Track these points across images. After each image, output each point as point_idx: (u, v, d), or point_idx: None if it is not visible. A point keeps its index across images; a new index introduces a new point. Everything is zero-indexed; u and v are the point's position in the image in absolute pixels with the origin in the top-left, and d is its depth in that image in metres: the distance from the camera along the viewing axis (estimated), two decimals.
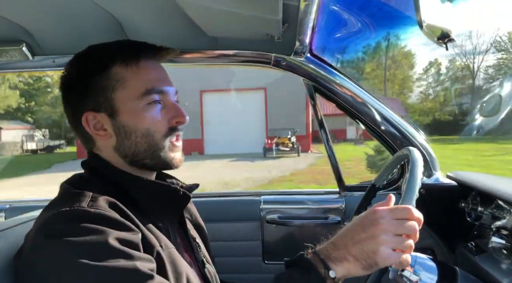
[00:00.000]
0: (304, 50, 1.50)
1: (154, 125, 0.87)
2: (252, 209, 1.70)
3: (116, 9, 1.16)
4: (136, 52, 0.89)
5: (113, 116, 0.87)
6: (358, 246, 0.75)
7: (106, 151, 0.90)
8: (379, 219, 0.75)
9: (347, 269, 0.76)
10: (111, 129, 0.88)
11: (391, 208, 0.78)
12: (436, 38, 0.88)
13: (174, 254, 0.84)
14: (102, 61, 0.88)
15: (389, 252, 0.74)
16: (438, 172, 1.58)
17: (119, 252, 0.71)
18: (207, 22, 1.21)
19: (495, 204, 1.21)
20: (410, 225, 0.76)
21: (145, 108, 0.87)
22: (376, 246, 0.74)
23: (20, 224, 1.00)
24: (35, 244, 0.74)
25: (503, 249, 1.16)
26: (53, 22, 1.22)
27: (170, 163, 0.90)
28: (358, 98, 1.58)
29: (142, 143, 0.87)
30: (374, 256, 0.74)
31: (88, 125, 0.87)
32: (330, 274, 0.75)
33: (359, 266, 0.75)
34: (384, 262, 0.74)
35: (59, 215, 0.74)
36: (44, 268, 0.71)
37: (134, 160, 0.89)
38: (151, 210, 0.87)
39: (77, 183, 0.87)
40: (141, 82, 0.87)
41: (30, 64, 1.46)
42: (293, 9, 1.10)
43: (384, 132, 1.60)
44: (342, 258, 0.76)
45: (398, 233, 0.75)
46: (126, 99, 0.86)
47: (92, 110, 0.87)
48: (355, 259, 0.76)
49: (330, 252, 0.77)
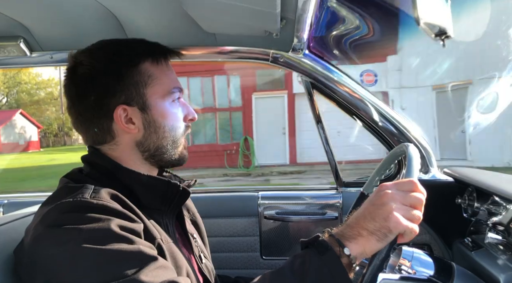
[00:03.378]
0: (302, 47, 1.50)
1: (177, 121, 0.94)
2: (250, 205, 1.71)
3: (114, 5, 1.16)
4: (162, 51, 0.95)
5: (145, 110, 0.90)
6: (369, 219, 0.77)
7: (125, 145, 0.91)
8: (386, 190, 0.78)
9: (362, 245, 0.76)
10: (140, 123, 0.90)
11: (396, 182, 0.80)
12: (433, 34, 0.89)
13: (174, 248, 0.85)
14: (134, 56, 0.91)
15: (399, 216, 0.75)
16: (434, 168, 1.59)
17: (122, 237, 0.72)
18: (205, 18, 1.21)
19: (491, 200, 1.22)
20: (416, 196, 0.78)
21: (171, 104, 0.93)
22: (386, 212, 0.75)
23: (18, 219, 1.00)
24: (37, 234, 0.74)
25: (499, 245, 1.17)
26: (51, 18, 1.21)
27: (183, 159, 0.97)
28: (355, 94, 1.58)
29: (167, 138, 0.92)
30: (386, 223, 0.75)
31: (119, 118, 0.88)
32: (345, 252, 0.76)
33: (374, 239, 0.76)
34: (396, 227, 0.75)
35: (62, 205, 0.75)
36: (47, 256, 0.71)
37: (154, 154, 0.92)
38: (151, 205, 0.89)
39: (77, 177, 0.88)
40: (168, 80, 0.93)
41: (28, 60, 1.45)
42: (291, 6, 1.10)
43: (381, 129, 1.60)
44: (356, 235, 0.77)
45: (405, 203, 0.77)
46: (156, 95, 0.91)
47: (124, 103, 0.89)
48: (369, 232, 0.76)
49: (344, 232, 0.79)
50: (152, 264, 0.71)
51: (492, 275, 1.06)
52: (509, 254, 1.10)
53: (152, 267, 0.71)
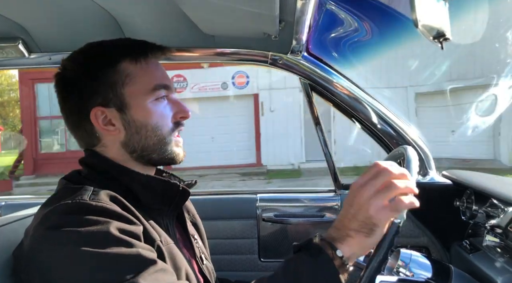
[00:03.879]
0: (301, 49, 1.50)
1: (162, 119, 0.90)
2: (248, 207, 1.71)
3: (113, 7, 1.16)
4: (145, 50, 0.92)
5: (123, 111, 0.88)
6: (351, 219, 0.77)
7: (112, 147, 0.90)
8: (357, 188, 0.78)
9: (353, 245, 0.77)
10: (120, 124, 0.88)
11: (362, 174, 0.80)
12: (431, 37, 0.89)
13: (174, 250, 0.85)
14: (111, 57, 0.89)
15: (377, 204, 0.75)
16: (433, 170, 1.59)
17: (121, 240, 0.72)
18: (203, 20, 1.21)
19: (489, 203, 1.22)
20: (383, 175, 0.77)
21: (154, 103, 0.90)
22: (364, 207, 0.76)
23: (16, 221, 1.00)
24: (36, 236, 0.74)
25: (497, 248, 1.17)
26: (49, 19, 1.21)
27: (176, 158, 0.94)
28: (354, 97, 1.59)
29: (152, 137, 0.89)
30: (368, 217, 0.76)
31: (96, 121, 0.87)
32: (337, 254, 0.76)
33: (363, 236, 0.77)
34: (379, 216, 0.75)
35: (61, 207, 0.74)
36: (46, 258, 0.71)
37: (142, 155, 0.91)
38: (151, 205, 0.88)
39: (76, 179, 0.88)
40: (150, 78, 0.90)
41: (26, 61, 1.45)
42: (290, 8, 1.10)
43: (380, 131, 1.60)
44: (344, 236, 0.78)
45: (378, 188, 0.77)
46: (136, 94, 0.89)
47: (101, 105, 0.87)
48: (356, 231, 0.77)
49: (333, 234, 0.79)
50: (151, 267, 0.71)
51: (490, 278, 1.06)
52: (507, 257, 1.11)
53: (151, 270, 0.71)
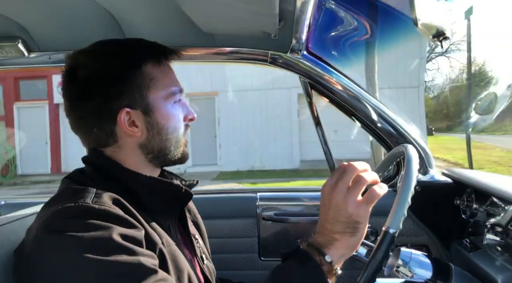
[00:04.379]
0: (300, 48, 1.50)
1: (179, 122, 0.93)
2: (248, 206, 1.71)
3: (112, 6, 1.15)
4: (163, 52, 0.94)
5: (148, 113, 0.89)
6: (333, 222, 0.79)
7: (127, 147, 0.90)
8: (329, 190, 0.80)
9: (340, 248, 0.79)
10: (143, 126, 0.89)
11: (330, 177, 0.82)
12: (431, 36, 0.89)
13: (175, 251, 0.85)
14: (136, 58, 0.90)
15: (354, 202, 0.78)
16: (433, 169, 1.59)
17: (123, 247, 0.71)
18: (203, 18, 1.21)
19: (490, 201, 1.22)
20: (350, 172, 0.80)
21: (173, 106, 0.92)
22: (345, 211, 0.78)
23: (17, 221, 1.00)
24: (39, 239, 0.74)
25: (497, 246, 1.17)
26: (49, 18, 1.21)
27: (185, 157, 0.97)
28: (354, 95, 1.58)
29: (171, 139, 0.92)
30: (349, 217, 0.78)
31: (122, 122, 0.87)
32: (326, 259, 0.78)
33: (348, 236, 0.79)
34: (361, 215, 0.78)
35: (63, 210, 0.74)
36: (47, 263, 0.71)
37: (158, 156, 0.92)
38: (153, 206, 0.88)
39: (79, 178, 0.87)
40: (170, 82, 0.93)
41: (26, 61, 1.45)
42: (290, 7, 1.10)
43: (380, 130, 1.60)
44: (331, 240, 0.79)
45: (348, 186, 0.79)
46: (159, 97, 0.90)
47: (127, 106, 0.88)
48: (341, 233, 0.79)
49: (319, 240, 0.81)
50: (152, 277, 0.71)
51: (490, 276, 1.06)
52: (507, 255, 1.11)
53: (151, 280, 0.71)
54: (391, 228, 0.77)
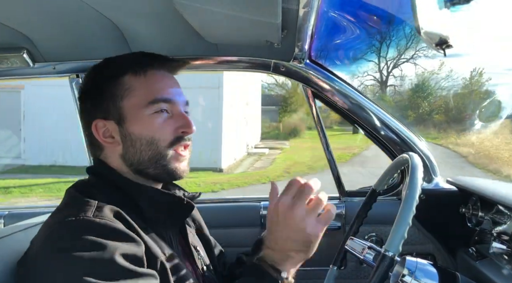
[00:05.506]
0: (303, 56, 1.51)
1: (159, 133, 0.89)
2: (252, 215, 1.70)
3: (116, 16, 1.16)
4: (145, 63, 0.92)
5: (121, 124, 0.89)
6: (291, 241, 0.81)
7: (113, 159, 0.91)
8: (285, 209, 0.80)
9: (294, 264, 0.83)
10: (118, 137, 0.89)
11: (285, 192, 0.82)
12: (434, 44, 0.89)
13: (177, 263, 0.85)
14: (115, 71, 0.91)
15: (315, 225, 0.80)
16: (438, 177, 1.58)
17: (124, 269, 0.71)
18: (207, 28, 1.22)
19: (495, 209, 1.21)
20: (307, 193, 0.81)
21: (151, 116, 0.89)
22: (303, 231, 0.80)
23: (20, 231, 1.00)
24: (41, 255, 0.74)
25: (503, 255, 1.16)
26: (53, 28, 1.22)
27: (173, 173, 0.91)
28: (357, 103, 1.58)
29: (147, 151, 0.88)
30: (308, 238, 0.80)
31: (97, 132, 0.89)
32: (282, 275, 0.81)
33: (303, 254, 0.82)
34: (317, 235, 0.81)
35: (65, 225, 0.75)
36: (49, 280, 0.71)
37: (139, 169, 0.90)
38: (155, 218, 0.88)
39: (83, 188, 0.88)
40: (148, 91, 0.90)
41: (31, 71, 1.46)
42: (292, 16, 1.11)
43: (383, 138, 1.60)
44: (286, 258, 0.82)
45: (304, 207, 0.80)
46: (133, 107, 0.89)
47: (102, 117, 0.89)
48: (296, 251, 0.82)
49: (273, 257, 0.82)
50: None
51: None
52: None
53: None
54: (390, 252, 0.78)
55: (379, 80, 23.12)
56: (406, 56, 22.25)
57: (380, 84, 22.98)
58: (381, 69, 22.65)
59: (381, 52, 19.31)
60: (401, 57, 22.16)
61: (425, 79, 21.95)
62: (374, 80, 23.40)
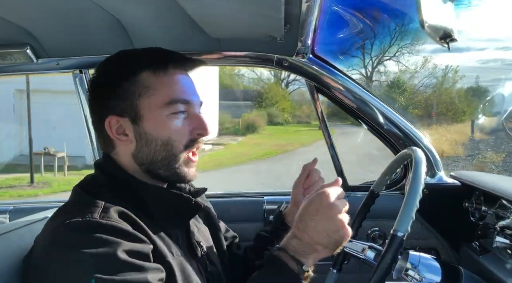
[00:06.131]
0: (306, 51, 1.50)
1: (176, 134, 0.88)
2: (255, 210, 1.70)
3: (119, 11, 1.16)
4: (165, 61, 0.90)
5: (136, 122, 0.87)
6: (324, 235, 0.80)
7: (123, 156, 0.90)
8: (330, 200, 0.81)
9: (316, 258, 0.82)
10: (132, 135, 0.88)
11: (333, 189, 0.85)
12: (438, 38, 0.88)
13: (184, 261, 0.85)
14: (131, 67, 0.89)
15: (347, 229, 0.81)
16: (441, 171, 1.58)
17: (130, 264, 0.71)
18: (210, 24, 1.21)
19: (499, 204, 1.21)
20: (344, 201, 0.84)
21: (169, 117, 0.87)
22: (339, 226, 0.81)
23: (25, 226, 1.00)
24: (46, 252, 0.75)
25: (507, 249, 1.16)
26: (57, 24, 1.22)
27: (184, 177, 0.91)
28: (360, 98, 1.58)
29: (161, 151, 0.87)
30: (339, 236, 0.81)
31: (110, 129, 0.88)
32: (304, 269, 0.80)
33: (328, 251, 0.82)
34: (346, 237, 0.82)
35: (71, 225, 0.74)
36: (54, 277, 0.72)
37: (150, 169, 0.89)
38: (162, 217, 0.88)
39: (90, 187, 0.87)
40: (167, 91, 0.88)
41: (34, 67, 1.46)
42: (295, 11, 1.10)
43: (386, 132, 1.59)
44: (312, 251, 0.81)
45: (343, 209, 0.82)
46: (151, 106, 0.87)
47: (116, 114, 0.88)
48: (324, 247, 0.81)
49: (298, 248, 0.81)
50: None
51: (500, 280, 1.05)
52: None
53: None
54: (399, 232, 0.77)
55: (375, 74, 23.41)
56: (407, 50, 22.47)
57: (368, 79, 23.09)
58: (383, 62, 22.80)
59: (383, 46, 19.26)
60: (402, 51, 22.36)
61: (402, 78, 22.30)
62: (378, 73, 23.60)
